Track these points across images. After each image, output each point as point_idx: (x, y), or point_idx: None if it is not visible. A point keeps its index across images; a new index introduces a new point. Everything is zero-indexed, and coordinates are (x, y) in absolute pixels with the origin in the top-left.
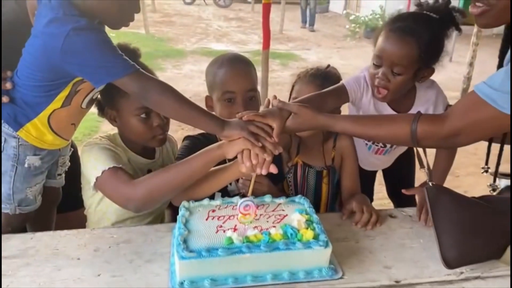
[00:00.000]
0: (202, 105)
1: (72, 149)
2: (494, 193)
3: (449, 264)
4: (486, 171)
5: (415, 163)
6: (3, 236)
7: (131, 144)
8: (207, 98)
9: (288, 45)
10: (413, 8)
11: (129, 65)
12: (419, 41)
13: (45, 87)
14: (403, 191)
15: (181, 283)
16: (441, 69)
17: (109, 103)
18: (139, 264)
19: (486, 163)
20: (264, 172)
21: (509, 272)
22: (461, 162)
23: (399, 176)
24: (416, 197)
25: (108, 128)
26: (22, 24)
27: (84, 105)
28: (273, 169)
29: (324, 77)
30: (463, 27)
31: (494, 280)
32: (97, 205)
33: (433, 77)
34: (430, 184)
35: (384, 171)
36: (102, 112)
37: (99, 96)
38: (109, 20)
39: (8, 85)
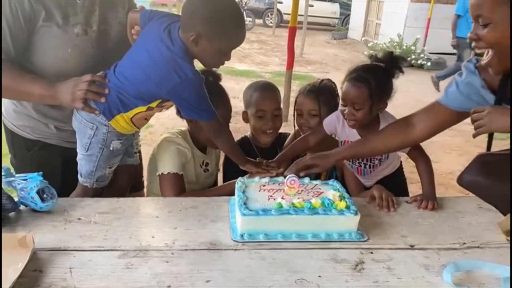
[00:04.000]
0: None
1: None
2: None
3: (462, 180)
4: None
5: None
6: (95, 199)
7: (195, 140)
8: (244, 113)
9: (308, 67)
10: (430, 36)
11: (213, 113)
12: (368, 85)
13: (145, 100)
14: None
15: (242, 235)
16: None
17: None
18: (205, 222)
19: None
20: None
21: (506, 244)
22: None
23: None
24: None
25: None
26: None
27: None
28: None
29: (319, 90)
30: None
31: (490, 250)
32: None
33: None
34: None
35: None
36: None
37: None
38: (207, 62)
39: (107, 91)
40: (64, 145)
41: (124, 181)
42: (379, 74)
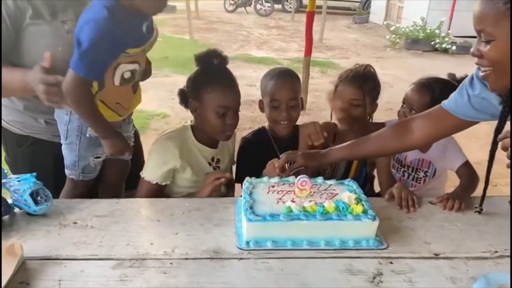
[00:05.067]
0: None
1: (135, 128)
2: None
3: None
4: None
5: None
6: (94, 200)
7: (201, 133)
8: (260, 102)
9: (327, 53)
10: (455, 18)
11: (91, 72)
12: (431, 94)
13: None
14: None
15: (247, 243)
16: None
17: (194, 96)
18: (209, 227)
19: None
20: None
21: None
22: (500, 172)
23: None
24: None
25: None
26: None
27: (117, 83)
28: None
29: (363, 78)
30: None
31: None
32: None
33: None
34: None
35: None
36: (185, 102)
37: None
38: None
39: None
40: (54, 140)
41: (114, 176)
42: (447, 88)
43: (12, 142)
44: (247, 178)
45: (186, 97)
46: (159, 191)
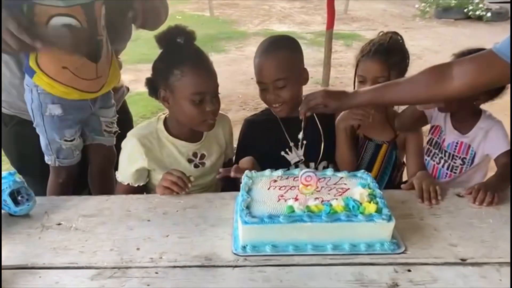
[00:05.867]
0: None
1: (129, 114)
2: None
3: None
4: None
5: None
6: (83, 197)
7: (177, 126)
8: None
9: (353, 25)
10: None
11: None
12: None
13: None
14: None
15: (244, 247)
16: None
17: (163, 84)
18: (204, 228)
19: None
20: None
21: None
22: None
23: None
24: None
25: None
26: None
27: (54, 39)
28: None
29: (388, 51)
30: None
31: None
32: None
33: None
34: None
35: None
36: (154, 92)
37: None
38: None
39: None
40: None
41: (98, 163)
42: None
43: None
44: (246, 172)
45: (155, 86)
46: (137, 192)
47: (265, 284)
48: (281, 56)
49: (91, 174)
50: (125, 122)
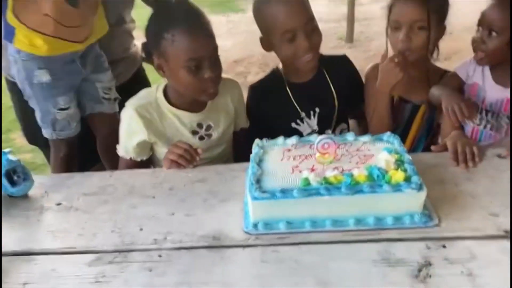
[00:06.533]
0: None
1: (115, 80)
2: None
3: None
4: None
5: None
6: (84, 174)
7: (176, 95)
8: (262, 40)
9: None
10: None
11: None
12: None
13: None
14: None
15: (255, 225)
16: None
17: (156, 50)
18: (213, 203)
19: None
20: None
21: None
22: None
23: None
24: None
25: None
26: None
27: None
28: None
29: None
30: None
31: None
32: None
33: None
34: None
35: None
36: (149, 57)
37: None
38: None
39: None
40: None
41: (104, 134)
42: None
43: (16, 90)
44: (257, 140)
45: (149, 52)
46: (141, 166)
47: (279, 265)
48: None
49: (100, 146)
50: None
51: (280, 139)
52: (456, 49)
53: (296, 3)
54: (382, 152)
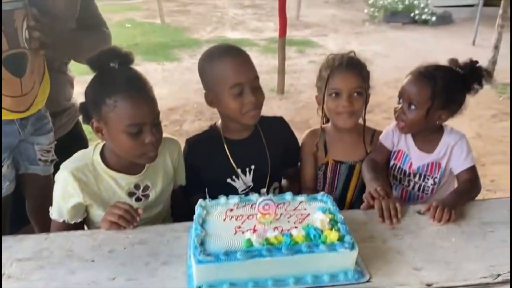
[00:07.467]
0: None
1: (56, 142)
2: None
3: None
4: None
5: None
6: (18, 237)
7: (115, 157)
8: (207, 96)
9: (305, 31)
10: None
11: None
12: (432, 84)
13: None
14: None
15: None
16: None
17: (96, 114)
18: (155, 267)
19: None
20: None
21: None
22: (487, 150)
23: None
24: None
25: None
26: None
27: None
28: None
29: (358, 64)
30: (486, 8)
31: None
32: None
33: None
34: None
35: None
36: (88, 120)
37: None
38: None
39: None
40: None
41: (32, 195)
42: (450, 77)
43: None
44: (200, 201)
45: (89, 115)
46: (74, 229)
47: None
48: (248, 56)
49: (30, 207)
50: (78, 148)
51: (223, 199)
52: (378, 102)
53: (244, 60)
54: (317, 212)
